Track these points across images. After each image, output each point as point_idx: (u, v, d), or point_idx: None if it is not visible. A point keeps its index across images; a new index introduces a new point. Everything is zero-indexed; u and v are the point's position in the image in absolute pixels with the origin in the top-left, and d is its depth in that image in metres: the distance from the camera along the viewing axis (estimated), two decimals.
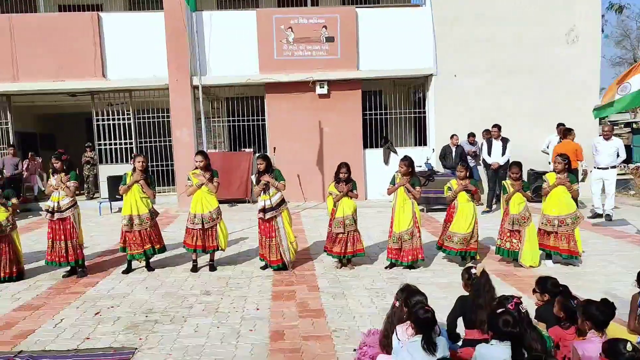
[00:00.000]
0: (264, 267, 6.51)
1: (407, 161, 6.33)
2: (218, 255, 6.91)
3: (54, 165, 6.35)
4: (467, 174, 6.47)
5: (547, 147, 11.15)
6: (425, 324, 3.09)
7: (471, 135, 11.45)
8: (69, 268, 6.49)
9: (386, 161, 12.32)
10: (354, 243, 6.38)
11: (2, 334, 4.61)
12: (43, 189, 13.86)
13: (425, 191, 10.36)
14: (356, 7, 12.22)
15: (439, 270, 6.32)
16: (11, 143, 12.92)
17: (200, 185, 6.41)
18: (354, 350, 3.93)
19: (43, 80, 12.08)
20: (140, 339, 4.36)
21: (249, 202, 12.19)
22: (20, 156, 13.00)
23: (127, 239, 6.45)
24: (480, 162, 11.26)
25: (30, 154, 14.10)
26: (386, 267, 6.38)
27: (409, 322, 3.28)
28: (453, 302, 3.86)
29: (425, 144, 12.69)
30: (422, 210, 10.62)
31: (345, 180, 6.40)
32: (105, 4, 13.76)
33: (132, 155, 9.66)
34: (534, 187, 9.80)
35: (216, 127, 13.23)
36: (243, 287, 5.77)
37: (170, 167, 13.01)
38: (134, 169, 6.48)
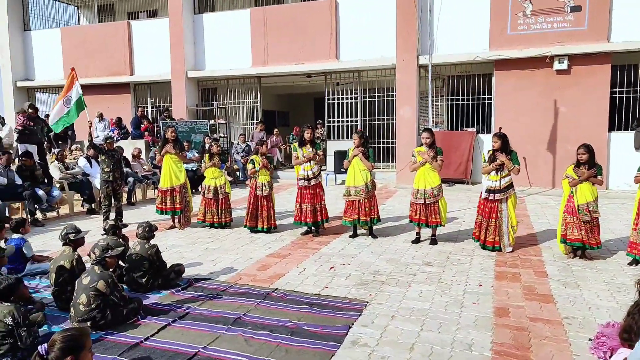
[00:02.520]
0: (484, 247, 6.39)
1: None
2: (437, 231, 7.02)
3: (307, 136, 7.26)
4: None
5: None
6: None
7: None
8: (305, 228, 7.44)
9: (637, 146, 10.61)
10: (594, 233, 5.77)
11: (261, 273, 5.61)
12: (281, 160, 15.99)
13: None
14: None
15: None
16: (260, 119, 15.15)
17: (424, 163, 6.60)
18: (590, 340, 3.67)
19: (286, 63, 13.78)
20: (370, 295, 4.81)
21: (467, 182, 11.96)
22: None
23: (346, 206, 7.10)
24: None
25: (275, 130, 16.35)
26: (629, 264, 5.64)
27: None
28: None
29: None
30: None
31: (587, 163, 5.80)
32: None
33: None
34: None
35: (438, 105, 13.22)
36: (464, 264, 5.81)
37: (391, 145, 13.56)
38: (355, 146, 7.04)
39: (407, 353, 3.60)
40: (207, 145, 10.79)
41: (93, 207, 9.64)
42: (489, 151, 6.39)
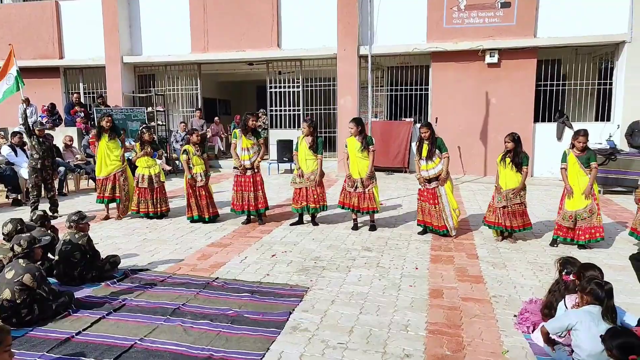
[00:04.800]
0: (422, 232, 6.64)
1: (586, 136, 5.88)
2: (375, 217, 7.18)
3: (251, 124, 7.19)
4: None
5: None
6: (603, 297, 3.02)
7: None
8: (245, 217, 7.39)
9: (559, 137, 11.35)
10: (522, 217, 6.15)
11: (201, 263, 5.53)
12: (223, 149, 15.74)
13: (604, 171, 9.42)
14: None
15: (614, 253, 5.81)
16: (199, 107, 14.81)
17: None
18: (514, 316, 3.94)
19: (227, 50, 13.52)
20: (311, 280, 4.88)
21: (405, 171, 12.32)
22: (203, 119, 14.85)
23: (294, 193, 7.15)
24: None
25: (215, 118, 16.05)
26: (550, 244, 6.07)
27: (579, 293, 3.24)
28: (626, 286, 3.62)
29: (608, 120, 11.34)
30: (599, 191, 9.67)
31: (513, 151, 6.16)
32: None
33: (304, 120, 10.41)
34: None
35: (378, 96, 13.48)
36: (402, 248, 6.01)
37: (332, 134, 13.68)
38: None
39: (346, 336, 3.69)
40: None
41: (19, 198, 9.10)
42: (417, 141, 6.59)
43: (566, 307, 3.34)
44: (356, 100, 12.51)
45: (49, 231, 5.14)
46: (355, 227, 6.98)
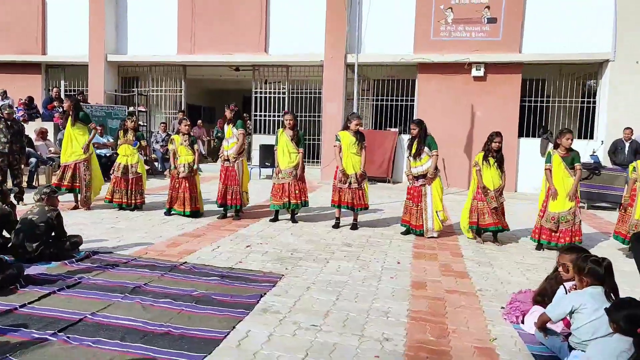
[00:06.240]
0: (404, 233, 6.40)
1: (572, 134, 5.84)
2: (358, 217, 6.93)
3: (227, 114, 6.99)
4: None
5: None
6: (603, 274, 2.79)
7: None
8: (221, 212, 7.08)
9: (543, 153, 11.30)
10: (504, 215, 6.01)
11: (169, 249, 5.19)
12: (204, 152, 15.41)
13: (588, 185, 9.34)
14: None
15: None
16: (182, 109, 14.50)
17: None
18: (502, 307, 3.69)
19: (214, 53, 13.30)
20: (286, 269, 4.58)
21: (389, 181, 12.12)
22: None
23: (272, 189, 6.89)
24: None
25: (198, 121, 15.76)
26: (536, 248, 5.85)
27: (576, 276, 3.00)
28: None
29: (591, 137, 11.36)
30: (582, 206, 9.58)
31: (498, 151, 6.06)
32: None
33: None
34: None
35: (363, 106, 13.35)
36: (383, 245, 5.75)
37: (317, 142, 13.46)
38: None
39: (321, 319, 3.40)
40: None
41: None
42: (409, 139, 6.47)
43: (566, 292, 3.10)
44: (341, 108, 12.35)
45: (5, 206, 4.77)
46: (337, 226, 6.70)
